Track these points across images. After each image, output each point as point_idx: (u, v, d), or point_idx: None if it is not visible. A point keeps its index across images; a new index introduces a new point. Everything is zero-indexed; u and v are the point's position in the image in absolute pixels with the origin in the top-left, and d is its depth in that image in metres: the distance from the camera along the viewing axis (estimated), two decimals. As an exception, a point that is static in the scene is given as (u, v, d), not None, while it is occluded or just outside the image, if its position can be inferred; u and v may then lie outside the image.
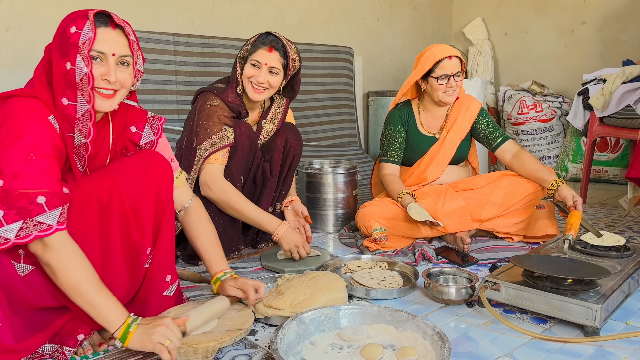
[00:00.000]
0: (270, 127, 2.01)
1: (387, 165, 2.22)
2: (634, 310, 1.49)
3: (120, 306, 1.15)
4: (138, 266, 1.29)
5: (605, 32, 3.82)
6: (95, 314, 1.12)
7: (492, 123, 2.23)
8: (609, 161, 3.62)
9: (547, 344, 1.29)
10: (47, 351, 1.20)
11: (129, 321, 1.13)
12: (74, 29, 1.13)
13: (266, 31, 1.86)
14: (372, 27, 4.08)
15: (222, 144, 1.80)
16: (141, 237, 1.27)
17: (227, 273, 1.42)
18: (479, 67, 4.30)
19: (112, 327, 1.12)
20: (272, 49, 1.82)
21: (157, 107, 2.76)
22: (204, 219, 1.48)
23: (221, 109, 1.83)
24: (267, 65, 1.82)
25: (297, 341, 1.24)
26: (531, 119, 3.84)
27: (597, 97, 2.80)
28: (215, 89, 1.88)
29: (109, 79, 1.18)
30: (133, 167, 1.27)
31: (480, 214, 2.07)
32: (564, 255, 1.60)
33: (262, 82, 1.82)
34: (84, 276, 1.10)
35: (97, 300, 1.11)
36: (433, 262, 1.92)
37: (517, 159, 2.13)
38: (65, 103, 1.14)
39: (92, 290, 1.11)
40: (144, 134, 1.34)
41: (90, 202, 1.18)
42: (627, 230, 2.38)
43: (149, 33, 2.75)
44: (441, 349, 1.14)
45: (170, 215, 1.33)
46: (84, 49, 1.13)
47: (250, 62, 1.83)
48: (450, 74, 2.09)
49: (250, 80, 1.83)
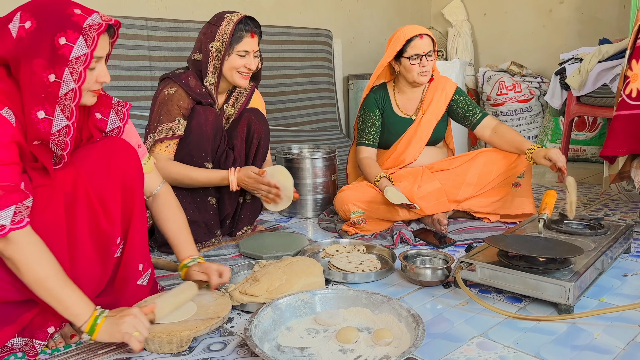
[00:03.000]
0: (232, 111, 1.96)
1: (363, 148, 2.21)
2: (608, 287, 1.51)
3: (86, 299, 1.13)
4: (108, 256, 1.26)
5: (582, 11, 3.83)
6: (61, 308, 1.10)
7: (469, 101, 2.23)
8: (587, 140, 3.66)
9: (522, 323, 1.30)
10: (17, 345, 1.18)
11: (96, 314, 1.11)
12: (64, 40, 1.06)
13: (241, 16, 1.81)
14: (351, 9, 4.04)
15: (169, 134, 1.76)
16: (110, 227, 1.24)
17: (195, 259, 1.42)
18: (459, 49, 4.29)
19: (79, 320, 1.10)
20: (253, 34, 1.82)
21: (132, 94, 2.71)
22: (173, 204, 1.47)
23: (178, 98, 1.78)
24: (253, 52, 1.83)
25: (272, 327, 1.24)
26: (510, 99, 3.85)
27: (573, 77, 2.81)
28: (174, 75, 1.83)
29: (105, 80, 1.17)
30: (97, 155, 1.24)
31: (457, 194, 2.07)
32: (539, 235, 1.62)
33: (253, 69, 1.84)
34: (48, 270, 1.08)
35: (62, 294, 1.09)
36: (411, 244, 1.92)
37: (496, 133, 2.13)
38: (40, 117, 1.08)
39: (58, 285, 1.09)
40: (109, 120, 1.30)
41: (55, 194, 1.15)
42: (603, 208, 2.41)
43: (122, 18, 2.68)
44: (415, 330, 1.14)
45: (140, 202, 1.31)
46: (77, 66, 1.08)
47: (236, 54, 1.80)
48: (422, 53, 2.08)
49: (239, 70, 1.82)
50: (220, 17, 1.81)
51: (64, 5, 1.10)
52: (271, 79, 3.42)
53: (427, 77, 2.14)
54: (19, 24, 1.07)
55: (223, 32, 1.78)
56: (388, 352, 1.14)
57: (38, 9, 1.08)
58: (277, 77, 3.46)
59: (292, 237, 2.00)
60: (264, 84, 3.33)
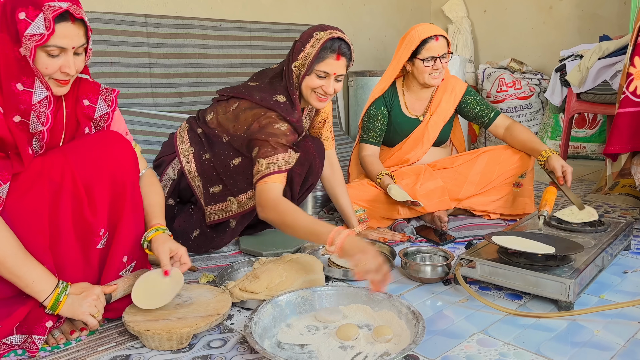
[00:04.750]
0: (306, 124, 1.87)
1: (367, 146, 2.20)
2: (608, 283, 1.51)
3: (48, 275, 1.15)
4: (90, 246, 1.26)
5: (583, 8, 3.82)
6: (23, 285, 1.13)
7: (481, 100, 2.21)
8: (587, 137, 3.66)
9: (522, 320, 1.30)
10: (16, 342, 1.17)
11: (59, 291, 1.16)
12: (23, 15, 1.08)
13: (332, 35, 1.63)
14: (351, 6, 4.03)
15: (285, 167, 1.61)
16: (94, 217, 1.24)
17: (159, 229, 1.35)
18: (459, 45, 4.28)
19: (41, 296, 1.15)
20: (339, 56, 1.64)
21: (131, 91, 2.70)
22: (155, 184, 1.46)
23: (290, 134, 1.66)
24: (335, 75, 1.66)
25: (272, 324, 1.24)
26: (510, 96, 3.84)
27: (573, 73, 2.81)
28: (279, 107, 1.67)
29: (69, 72, 1.16)
30: (89, 146, 1.24)
31: (458, 192, 2.07)
32: (539, 232, 1.62)
33: (331, 93, 1.68)
34: (7, 249, 1.10)
35: (23, 271, 1.12)
36: (412, 241, 1.92)
37: (510, 132, 2.13)
38: (20, 89, 1.10)
39: (18, 262, 1.11)
40: (97, 107, 1.30)
41: (40, 179, 1.16)
42: (604, 205, 2.41)
43: (120, 15, 2.67)
44: (415, 327, 1.14)
45: (134, 196, 1.31)
46: (30, 42, 1.09)
47: (315, 73, 1.65)
48: (436, 56, 2.05)
49: (315, 90, 1.68)
50: (309, 35, 1.67)
51: None
52: (271, 76, 3.41)
53: (439, 79, 2.10)
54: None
55: (308, 52, 1.65)
56: (388, 349, 1.14)
57: None
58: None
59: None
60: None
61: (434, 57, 2.05)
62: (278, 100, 1.70)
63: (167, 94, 2.84)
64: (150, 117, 2.68)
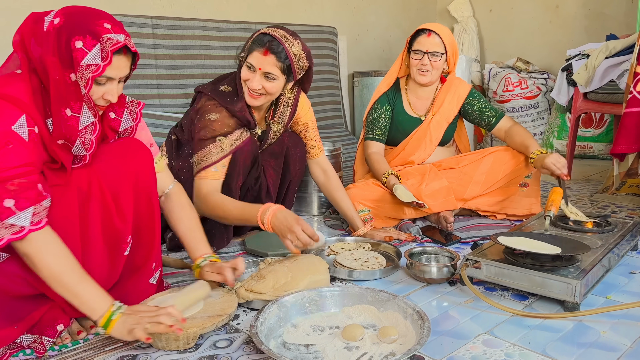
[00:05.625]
0: (279, 127, 1.88)
1: (372, 143, 2.20)
2: (614, 284, 1.51)
3: (103, 293, 1.14)
4: (118, 254, 1.27)
5: (589, 7, 3.80)
6: (78, 303, 1.12)
7: (485, 103, 2.20)
8: (594, 137, 3.64)
9: (528, 320, 1.30)
10: (26, 342, 1.19)
11: (113, 309, 1.13)
12: (80, 44, 1.08)
13: (263, 30, 1.65)
14: (356, 6, 4.03)
15: (220, 155, 1.67)
16: (123, 225, 1.25)
17: (207, 257, 1.42)
18: (464, 45, 4.27)
19: (95, 314, 1.12)
20: (267, 51, 1.61)
21: (138, 92, 2.72)
22: (185, 204, 1.47)
23: (220, 124, 1.69)
24: (261, 70, 1.63)
25: (278, 324, 1.24)
26: (516, 96, 3.83)
27: (580, 73, 2.79)
28: (219, 95, 1.71)
29: (111, 100, 1.18)
30: (112, 154, 1.26)
31: (464, 193, 2.07)
32: (545, 232, 1.61)
33: (257, 89, 1.65)
34: (65, 265, 1.10)
35: (79, 289, 1.11)
36: (418, 241, 1.92)
37: (509, 134, 2.12)
38: (68, 114, 1.11)
39: (75, 279, 1.11)
40: (122, 120, 1.31)
41: (69, 190, 1.17)
42: (611, 205, 2.39)
43: (127, 16, 2.69)
44: (421, 327, 1.14)
45: (154, 201, 1.32)
46: (87, 72, 1.09)
47: (246, 64, 1.66)
48: (424, 51, 2.06)
49: (246, 83, 1.68)
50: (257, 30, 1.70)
51: (97, 15, 1.12)
52: (276, 77, 3.41)
53: (427, 77, 2.10)
54: (52, 19, 1.10)
55: (246, 45, 1.69)
56: (393, 349, 1.14)
57: (73, 9, 1.12)
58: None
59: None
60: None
61: (421, 51, 2.06)
62: (222, 90, 1.74)
63: (174, 95, 2.85)
64: (156, 118, 2.69)
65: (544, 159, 1.88)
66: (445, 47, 2.08)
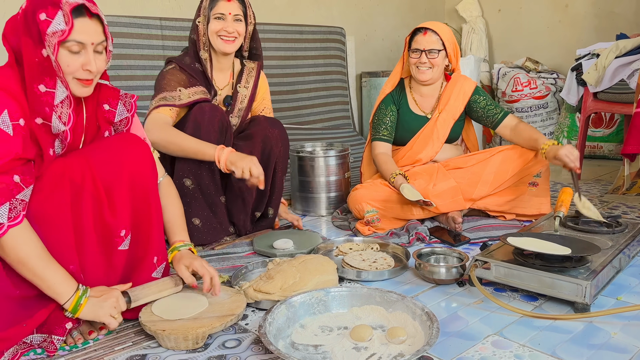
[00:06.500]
0: (245, 92, 2.01)
1: (379, 144, 2.20)
2: (625, 285, 1.49)
3: (69, 278, 1.17)
4: (112, 248, 1.28)
5: (599, 6, 3.78)
6: (44, 287, 1.14)
7: (490, 101, 2.20)
8: (604, 137, 3.61)
9: (537, 322, 1.29)
10: (36, 341, 1.20)
11: (79, 294, 1.17)
12: (44, 16, 1.11)
13: None
14: (364, 6, 4.03)
15: (171, 101, 1.79)
16: (114, 219, 1.26)
17: (186, 245, 1.43)
18: (473, 45, 4.25)
19: (62, 299, 1.16)
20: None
21: (146, 93, 2.73)
22: (173, 195, 1.49)
23: (174, 73, 1.84)
24: (231, 15, 1.83)
25: (286, 325, 1.24)
26: (525, 96, 3.81)
27: (590, 73, 2.77)
28: (173, 57, 1.92)
29: (90, 69, 1.18)
30: (108, 148, 1.27)
31: (472, 193, 2.06)
32: (555, 233, 1.60)
33: (232, 32, 1.84)
34: (31, 250, 1.12)
35: (45, 273, 1.13)
36: (426, 242, 1.92)
37: (515, 132, 2.11)
38: (42, 90, 1.13)
39: (41, 264, 1.13)
40: (117, 112, 1.33)
41: (62, 181, 1.18)
42: (621, 206, 2.37)
43: (136, 18, 2.71)
44: (430, 328, 1.14)
45: (151, 196, 1.33)
46: (53, 38, 1.12)
47: (214, 17, 1.83)
48: (421, 49, 2.08)
49: (219, 34, 1.84)
50: None
51: None
52: (284, 77, 3.42)
53: (426, 74, 2.11)
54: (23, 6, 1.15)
55: (204, 5, 1.85)
56: (402, 350, 1.13)
57: None
58: (290, 75, 3.46)
59: (306, 235, 2.01)
60: (278, 82, 3.34)
61: (419, 49, 2.08)
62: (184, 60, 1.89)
63: (182, 96, 2.86)
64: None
65: (557, 150, 1.86)
66: (444, 44, 2.09)
